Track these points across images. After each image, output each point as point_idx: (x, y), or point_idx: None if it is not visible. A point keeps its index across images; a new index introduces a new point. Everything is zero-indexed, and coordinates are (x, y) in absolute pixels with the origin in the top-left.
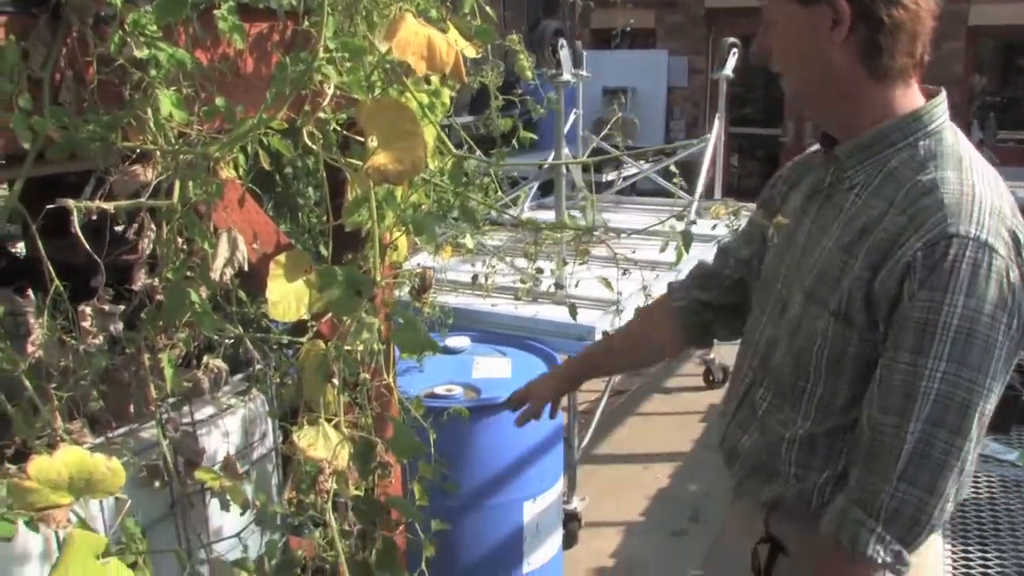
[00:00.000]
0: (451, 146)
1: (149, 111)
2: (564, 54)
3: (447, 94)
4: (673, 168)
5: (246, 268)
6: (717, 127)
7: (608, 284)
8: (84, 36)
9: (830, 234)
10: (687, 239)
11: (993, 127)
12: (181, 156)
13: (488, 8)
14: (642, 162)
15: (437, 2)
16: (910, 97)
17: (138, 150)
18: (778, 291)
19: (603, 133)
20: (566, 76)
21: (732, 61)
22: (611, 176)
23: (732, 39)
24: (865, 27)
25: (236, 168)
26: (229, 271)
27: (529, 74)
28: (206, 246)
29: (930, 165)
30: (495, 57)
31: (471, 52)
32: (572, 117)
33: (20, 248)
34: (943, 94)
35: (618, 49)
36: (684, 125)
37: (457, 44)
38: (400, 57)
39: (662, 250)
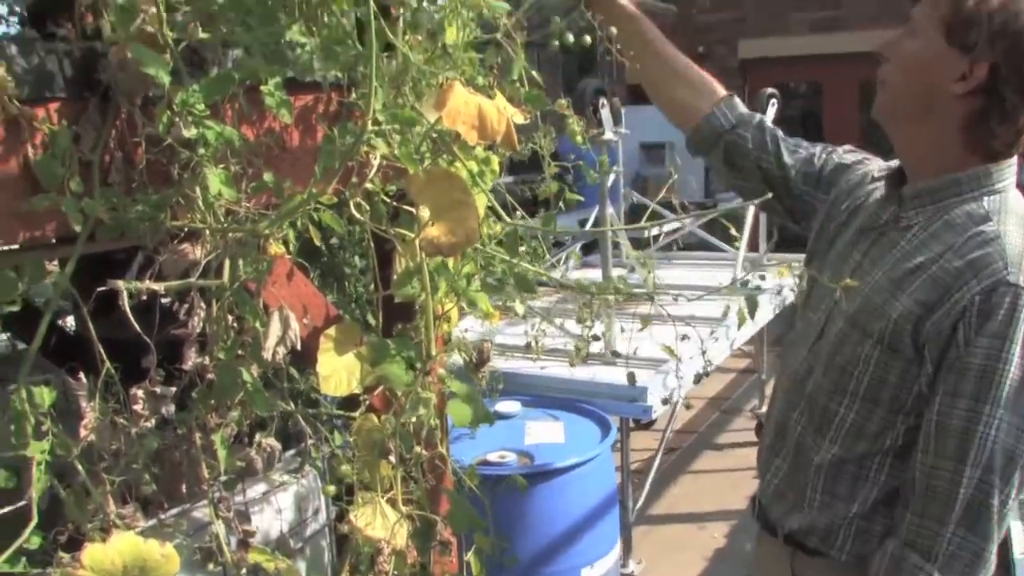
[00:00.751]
0: (504, 214)
1: (198, 190)
2: (605, 113)
3: (496, 160)
4: (724, 221)
5: (299, 347)
6: None
7: (670, 351)
8: (133, 117)
9: (880, 266)
10: (752, 305)
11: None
12: (230, 234)
13: (535, 73)
14: (684, 217)
15: (484, 69)
16: (975, 157)
17: (187, 228)
18: (818, 319)
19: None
20: (608, 135)
21: (771, 112)
22: (654, 231)
23: (770, 90)
24: (985, 101)
25: (286, 244)
26: (282, 350)
27: (580, 139)
28: (257, 325)
29: (993, 218)
30: (545, 123)
31: (520, 118)
32: (613, 175)
33: (70, 322)
34: (1015, 158)
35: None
36: None
37: (506, 111)
38: (451, 127)
39: (724, 315)
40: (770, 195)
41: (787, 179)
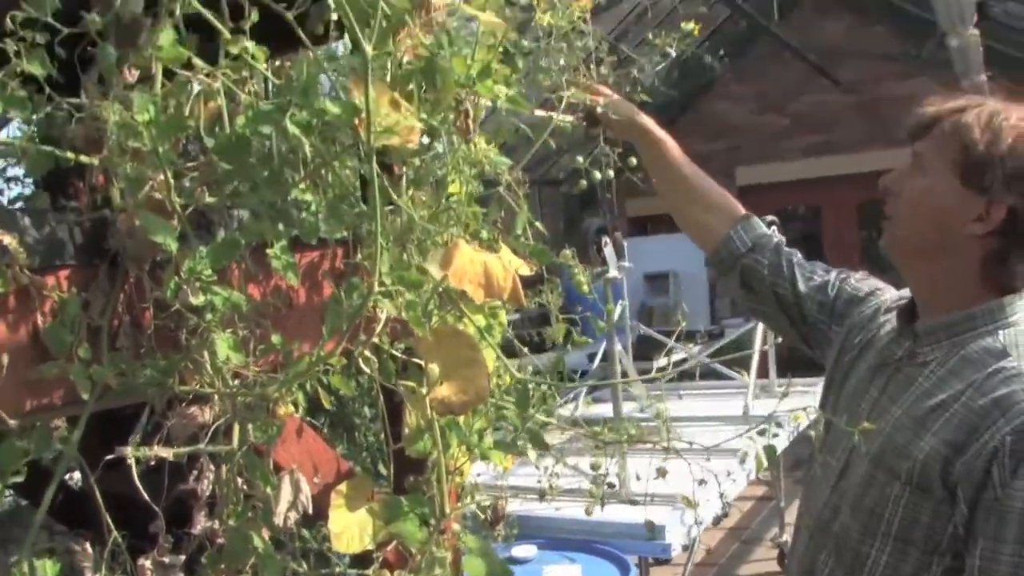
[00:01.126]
0: (514, 370)
1: (206, 354)
2: (608, 251)
3: (504, 315)
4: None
5: (310, 511)
6: None
7: (688, 501)
8: (141, 282)
9: (899, 404)
10: (770, 453)
11: None
12: (239, 398)
13: (539, 224)
14: (691, 346)
15: (488, 223)
16: (993, 295)
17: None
18: (838, 459)
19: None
20: (613, 273)
21: None
22: (662, 362)
23: (770, 217)
24: (1004, 241)
25: (295, 404)
26: (293, 515)
27: (586, 288)
28: (268, 489)
29: (1013, 353)
30: (551, 274)
31: (526, 270)
32: (619, 308)
33: (75, 475)
34: None
35: (656, 235)
36: (729, 303)
37: (511, 265)
38: (458, 286)
39: (742, 463)
40: (788, 324)
41: (801, 307)
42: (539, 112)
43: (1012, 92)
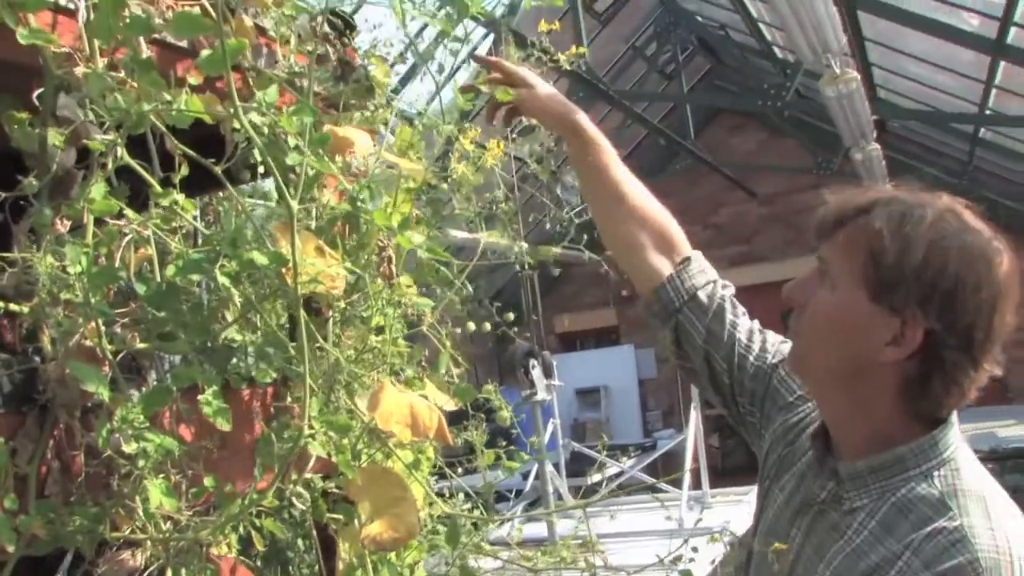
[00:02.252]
0: (442, 504)
1: (137, 499)
2: (536, 374)
3: (431, 449)
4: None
5: None
6: (694, 417)
7: None
8: (71, 428)
9: (827, 561)
10: None
11: None
12: (172, 543)
13: (462, 358)
14: (625, 460)
15: (412, 362)
16: (918, 421)
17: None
18: None
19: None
20: (541, 395)
21: None
22: (595, 478)
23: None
24: (924, 365)
25: (228, 547)
26: None
27: (508, 422)
28: None
29: (952, 505)
30: (478, 411)
31: (451, 406)
32: (550, 427)
33: None
34: (955, 415)
35: (585, 350)
36: (661, 415)
37: (437, 402)
38: (385, 428)
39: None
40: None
41: (735, 392)
42: (463, 234)
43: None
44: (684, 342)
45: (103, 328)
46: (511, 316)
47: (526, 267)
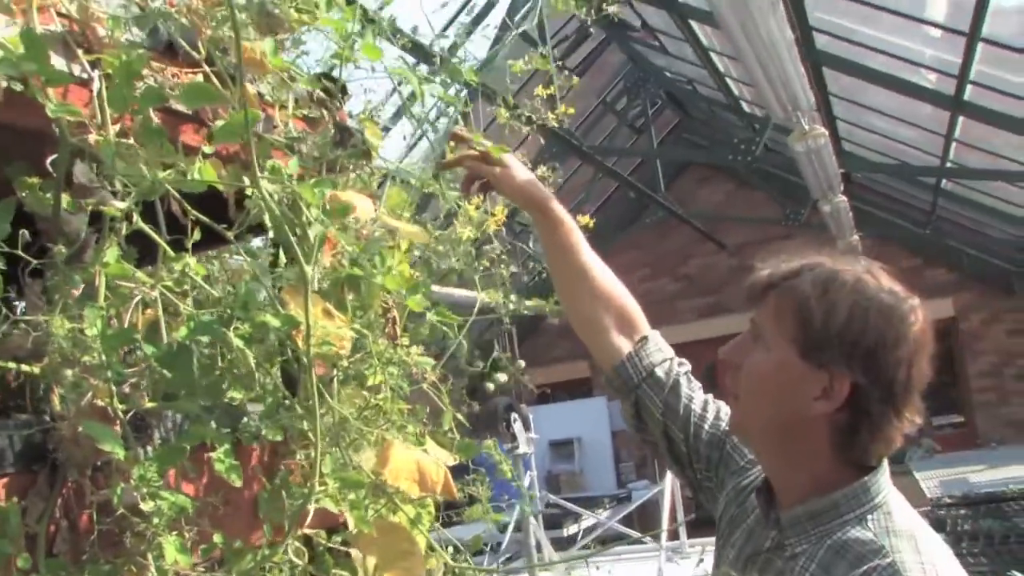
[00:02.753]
0: (445, 556)
1: (150, 557)
2: (518, 427)
3: (432, 503)
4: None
5: None
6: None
7: None
8: (80, 486)
9: None
10: None
11: (927, 417)
12: None
13: (462, 416)
14: (600, 511)
15: (414, 419)
16: (850, 467)
17: None
18: None
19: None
20: (523, 449)
21: None
22: (572, 529)
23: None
24: (852, 416)
25: None
26: None
27: (509, 475)
28: None
29: (885, 545)
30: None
31: (451, 460)
32: (527, 479)
33: None
34: (885, 463)
35: (559, 403)
36: (634, 466)
37: (438, 457)
38: (394, 484)
39: None
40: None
41: (692, 460)
42: (460, 292)
43: (878, 254)
44: (644, 415)
45: (114, 389)
46: (501, 375)
47: (507, 320)
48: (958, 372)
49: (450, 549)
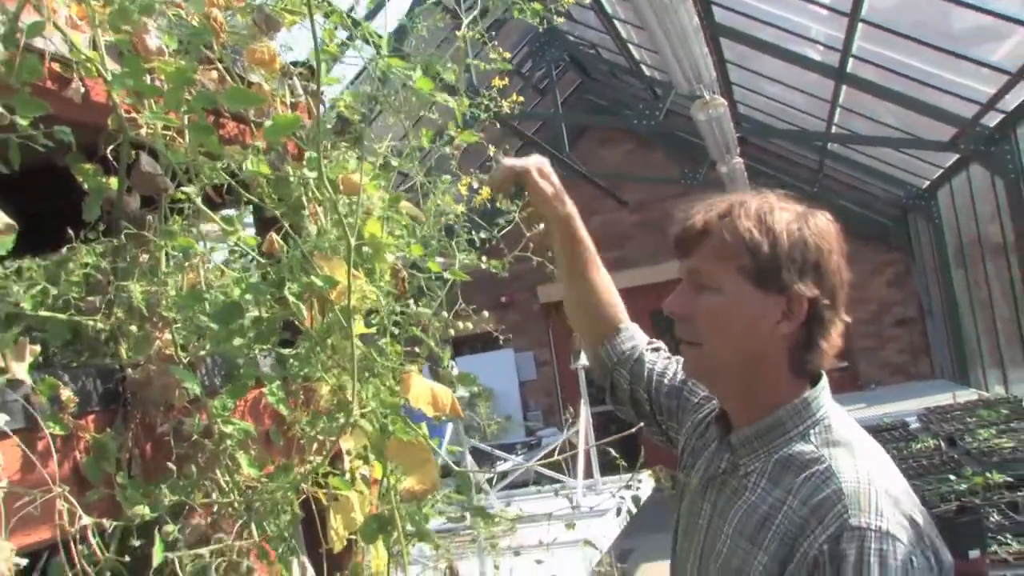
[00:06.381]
0: (453, 467)
1: (218, 472)
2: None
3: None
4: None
5: None
6: (584, 412)
7: None
8: (148, 421)
9: (730, 521)
10: (636, 501)
11: None
12: (255, 502)
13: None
14: (516, 455)
15: (420, 358)
16: (801, 381)
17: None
18: (690, 570)
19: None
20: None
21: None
22: (489, 474)
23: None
24: (808, 328)
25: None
26: None
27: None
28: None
29: (824, 455)
30: None
31: (456, 393)
32: (449, 428)
33: None
34: (825, 378)
35: (471, 355)
36: (541, 415)
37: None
38: (415, 405)
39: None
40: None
41: (656, 415)
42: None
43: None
44: (617, 391)
45: (178, 341)
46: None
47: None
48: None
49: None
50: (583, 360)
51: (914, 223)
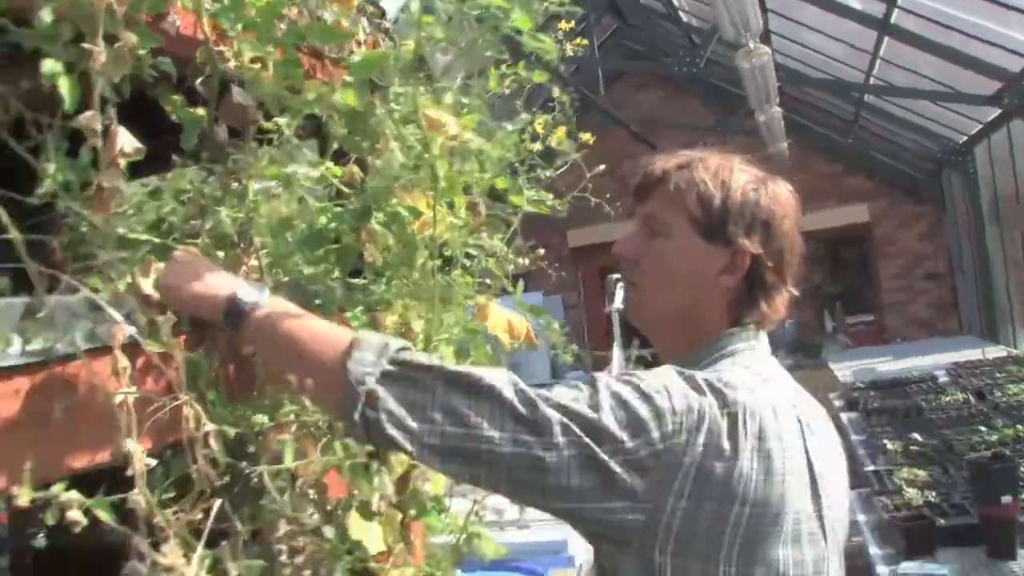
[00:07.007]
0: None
1: None
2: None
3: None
4: None
5: None
6: (617, 355)
7: None
8: (232, 344)
9: None
10: None
11: (841, 316)
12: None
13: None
14: None
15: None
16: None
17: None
18: None
19: None
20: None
21: (620, 294)
22: None
23: (615, 275)
24: (748, 282)
25: None
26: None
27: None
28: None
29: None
30: None
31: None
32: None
33: None
34: (760, 333)
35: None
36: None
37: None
38: (493, 332)
39: None
40: None
41: None
42: None
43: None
44: None
45: (264, 266)
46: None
47: None
48: (871, 275)
49: None
50: (617, 303)
51: (947, 177)
